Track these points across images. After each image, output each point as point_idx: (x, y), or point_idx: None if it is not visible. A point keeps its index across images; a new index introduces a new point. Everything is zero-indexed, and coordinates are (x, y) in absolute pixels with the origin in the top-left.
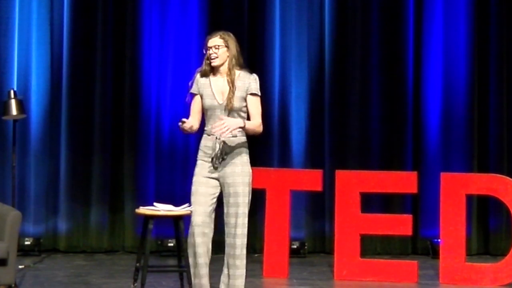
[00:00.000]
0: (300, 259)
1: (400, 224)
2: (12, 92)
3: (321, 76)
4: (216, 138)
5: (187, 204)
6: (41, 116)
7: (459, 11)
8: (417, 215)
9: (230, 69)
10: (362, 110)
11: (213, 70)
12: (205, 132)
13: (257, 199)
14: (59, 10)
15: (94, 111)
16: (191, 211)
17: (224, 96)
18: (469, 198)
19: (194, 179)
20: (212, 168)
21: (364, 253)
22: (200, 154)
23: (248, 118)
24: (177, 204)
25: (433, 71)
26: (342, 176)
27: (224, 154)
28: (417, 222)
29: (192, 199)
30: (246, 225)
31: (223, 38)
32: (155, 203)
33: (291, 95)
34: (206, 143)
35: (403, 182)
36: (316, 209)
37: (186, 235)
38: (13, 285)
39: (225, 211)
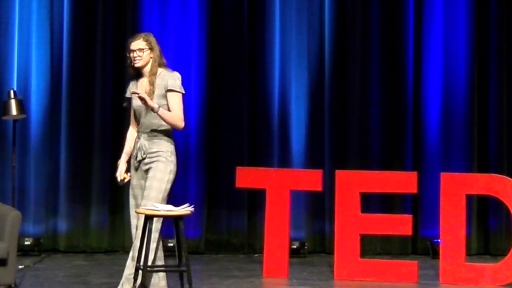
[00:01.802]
0: (300, 259)
1: (400, 224)
2: (12, 92)
3: (321, 76)
4: (137, 138)
5: (187, 204)
6: (41, 116)
7: (459, 11)
8: (417, 215)
9: (152, 70)
10: (362, 110)
11: (139, 72)
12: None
13: (257, 199)
14: (59, 10)
15: (94, 111)
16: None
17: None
18: (469, 198)
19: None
20: (139, 166)
21: (364, 253)
22: (133, 153)
23: None
24: (177, 204)
25: (433, 71)
26: (342, 176)
27: (144, 153)
28: (417, 222)
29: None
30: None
31: (146, 40)
32: (155, 203)
33: (291, 95)
34: (134, 144)
35: (403, 182)
36: (316, 209)
37: (186, 235)
38: (13, 285)
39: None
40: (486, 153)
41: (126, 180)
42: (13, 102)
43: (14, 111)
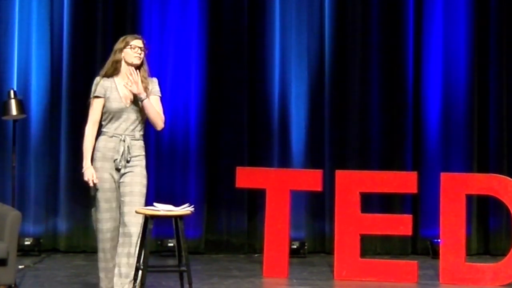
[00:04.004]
0: (300, 259)
1: (400, 224)
2: (12, 92)
3: (321, 76)
4: (121, 140)
5: (187, 204)
6: (41, 116)
7: (459, 11)
8: (417, 215)
9: (144, 71)
10: (362, 110)
11: (115, 72)
12: (105, 134)
13: (257, 199)
14: (59, 10)
15: None
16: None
17: (130, 99)
18: (469, 198)
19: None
20: (113, 169)
21: (364, 253)
22: (98, 155)
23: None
24: (177, 204)
25: (433, 71)
26: (342, 176)
27: (128, 155)
28: (417, 222)
29: (96, 205)
30: (140, 223)
31: (143, 44)
32: (155, 203)
33: (291, 95)
34: (106, 144)
35: (403, 182)
36: (316, 209)
37: (186, 235)
38: (13, 285)
39: (120, 209)
40: (486, 153)
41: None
42: (13, 102)
43: (14, 111)
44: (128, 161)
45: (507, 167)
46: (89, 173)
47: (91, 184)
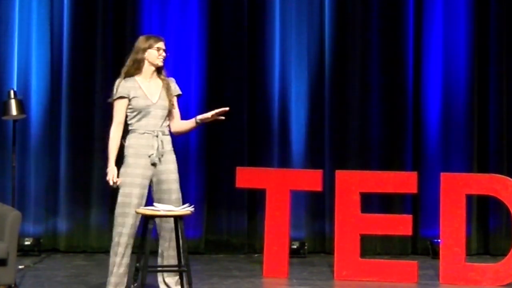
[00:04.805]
0: (300, 259)
1: (400, 224)
2: (12, 92)
3: (321, 76)
4: (154, 136)
5: (187, 204)
6: (41, 116)
7: (459, 11)
8: (417, 215)
9: (164, 72)
10: (362, 110)
11: (138, 71)
12: (135, 131)
13: (257, 199)
14: (59, 10)
15: (94, 111)
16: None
17: (156, 96)
18: (469, 198)
19: (128, 180)
20: (146, 166)
21: (364, 253)
22: (131, 152)
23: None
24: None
25: (433, 71)
26: (342, 176)
27: (162, 150)
28: (417, 222)
29: (125, 200)
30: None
31: (165, 46)
32: (155, 203)
33: (291, 95)
34: (138, 141)
35: (403, 182)
36: (316, 209)
37: (186, 235)
38: (13, 285)
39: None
40: (486, 153)
41: (118, 183)
42: (13, 102)
43: (14, 111)
44: (162, 155)
45: (507, 167)
46: (111, 174)
47: (111, 184)
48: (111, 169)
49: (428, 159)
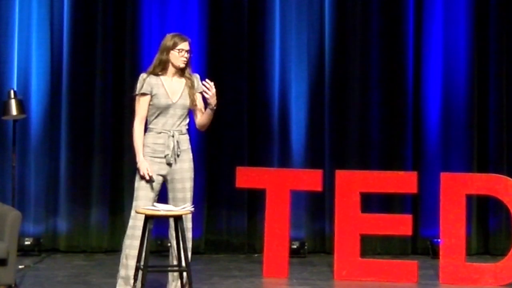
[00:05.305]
0: (300, 259)
1: (400, 224)
2: (12, 92)
3: (321, 76)
4: (170, 136)
5: (187, 204)
6: (41, 116)
7: (459, 11)
8: (417, 215)
9: (188, 72)
10: (362, 110)
11: (164, 71)
12: (153, 130)
13: (257, 199)
14: (59, 10)
15: (94, 111)
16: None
17: (177, 96)
18: (469, 198)
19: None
20: (161, 165)
21: (364, 253)
22: (147, 150)
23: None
24: None
25: (433, 71)
26: (342, 176)
27: (178, 150)
28: (417, 222)
29: (140, 193)
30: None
31: (190, 45)
32: (155, 203)
33: (291, 95)
34: (155, 140)
35: (403, 182)
36: (316, 209)
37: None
38: (13, 285)
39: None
40: (486, 153)
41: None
42: (13, 102)
43: (14, 111)
44: (178, 155)
45: (507, 167)
46: (144, 167)
47: (147, 177)
48: (142, 162)
49: (428, 159)
